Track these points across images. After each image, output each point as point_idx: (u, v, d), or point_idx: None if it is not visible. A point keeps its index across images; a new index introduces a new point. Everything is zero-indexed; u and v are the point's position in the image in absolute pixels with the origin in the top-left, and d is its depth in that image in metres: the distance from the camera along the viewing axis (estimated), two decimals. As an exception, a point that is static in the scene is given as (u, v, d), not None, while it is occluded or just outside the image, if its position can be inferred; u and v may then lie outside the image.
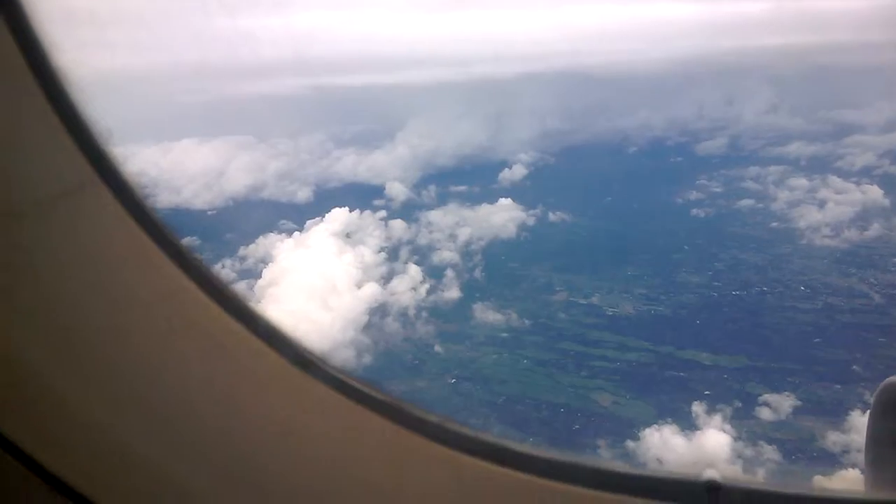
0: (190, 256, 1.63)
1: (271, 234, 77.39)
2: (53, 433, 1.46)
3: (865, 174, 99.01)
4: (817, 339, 57.24)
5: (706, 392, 50.91)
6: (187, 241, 1.67)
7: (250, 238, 75.73)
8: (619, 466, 1.52)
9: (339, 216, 76.98)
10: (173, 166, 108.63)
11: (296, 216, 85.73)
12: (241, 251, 73.28)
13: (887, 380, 2.22)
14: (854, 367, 52.07)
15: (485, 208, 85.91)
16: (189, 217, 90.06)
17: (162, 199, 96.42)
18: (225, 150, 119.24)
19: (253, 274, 68.03)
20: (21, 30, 1.44)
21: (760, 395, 48.96)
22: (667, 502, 1.48)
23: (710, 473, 1.43)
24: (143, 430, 1.54)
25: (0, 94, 1.45)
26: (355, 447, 1.69)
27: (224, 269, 68.13)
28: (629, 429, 47.33)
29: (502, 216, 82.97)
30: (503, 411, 51.08)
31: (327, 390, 1.66)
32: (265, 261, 69.91)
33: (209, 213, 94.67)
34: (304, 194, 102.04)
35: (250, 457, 1.62)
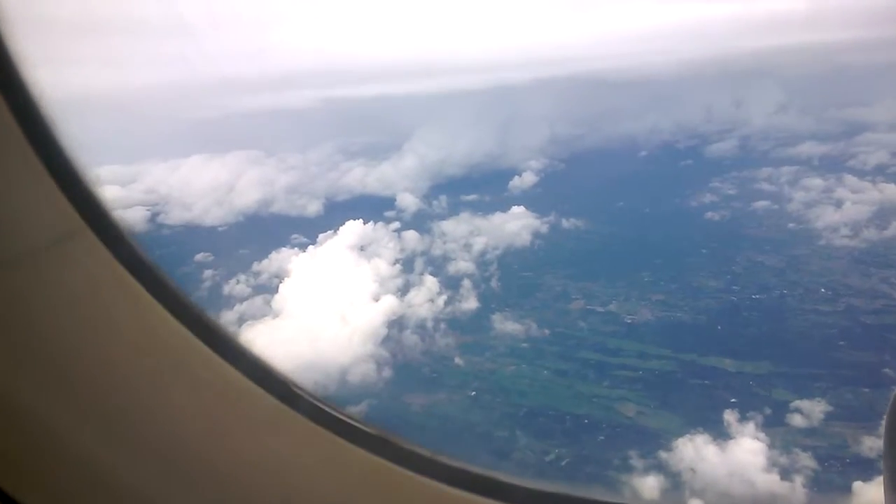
0: (179, 296, 1.65)
1: (284, 248, 77.06)
2: (46, 472, 1.50)
3: (879, 172, 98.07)
4: (842, 342, 56.21)
5: (732, 399, 50.05)
6: (178, 284, 1.68)
7: (263, 253, 75.39)
8: (603, 496, 1.55)
9: (353, 229, 76.61)
10: (183, 183, 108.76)
11: (308, 230, 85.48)
12: (255, 266, 72.76)
13: None
14: (884, 369, 51.14)
15: (498, 217, 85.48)
16: (201, 233, 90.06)
17: (173, 216, 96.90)
18: (234, 166, 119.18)
19: (268, 289, 67.63)
20: (7, 83, 1.45)
21: (790, 401, 47.98)
22: None
23: (695, 503, 1.48)
24: (134, 465, 1.57)
25: None
26: (341, 481, 1.69)
27: (239, 285, 68.12)
28: (657, 439, 46.49)
29: (516, 224, 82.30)
30: (526, 424, 50.24)
31: (314, 426, 1.66)
32: (279, 276, 69.55)
33: (220, 228, 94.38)
34: (314, 208, 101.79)
35: (239, 492, 1.62)
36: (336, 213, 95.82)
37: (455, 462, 1.60)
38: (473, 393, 54.43)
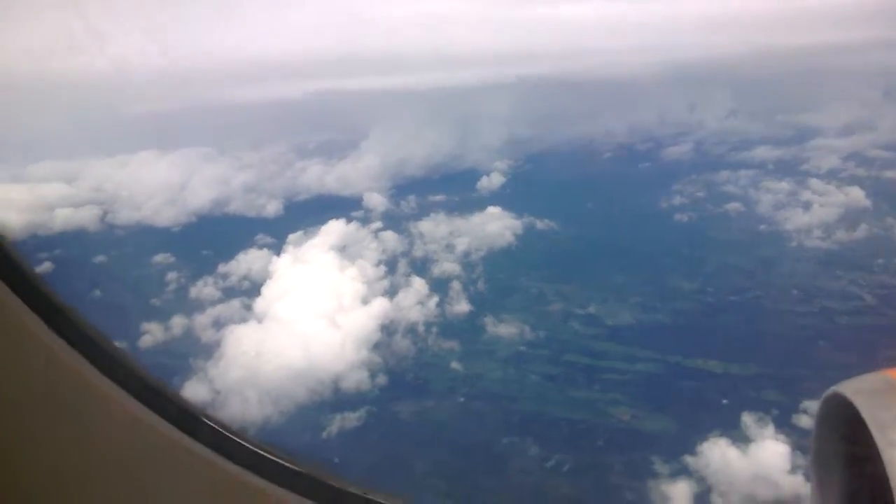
0: (93, 337, 1.51)
1: (251, 249, 73.25)
2: None
3: (832, 177, 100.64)
4: (821, 343, 56.73)
5: (724, 401, 49.91)
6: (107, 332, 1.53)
7: (228, 254, 71.41)
8: None
9: (335, 229, 73.15)
10: (131, 180, 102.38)
11: (271, 230, 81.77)
12: (222, 268, 68.90)
13: (830, 389, 1.84)
14: (870, 370, 51.48)
15: (477, 217, 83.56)
16: (156, 234, 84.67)
17: (123, 216, 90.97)
18: (185, 163, 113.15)
19: (240, 292, 64.20)
20: None
21: (785, 402, 47.72)
22: None
23: None
24: None
25: None
26: None
27: (207, 287, 63.98)
28: (657, 443, 45.91)
29: (497, 225, 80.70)
30: (522, 430, 48.60)
31: (246, 473, 1.56)
32: (249, 277, 65.88)
33: (173, 229, 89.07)
34: (273, 207, 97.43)
35: None
36: (297, 212, 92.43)
37: (387, 499, 1.49)
38: (462, 399, 52.54)
